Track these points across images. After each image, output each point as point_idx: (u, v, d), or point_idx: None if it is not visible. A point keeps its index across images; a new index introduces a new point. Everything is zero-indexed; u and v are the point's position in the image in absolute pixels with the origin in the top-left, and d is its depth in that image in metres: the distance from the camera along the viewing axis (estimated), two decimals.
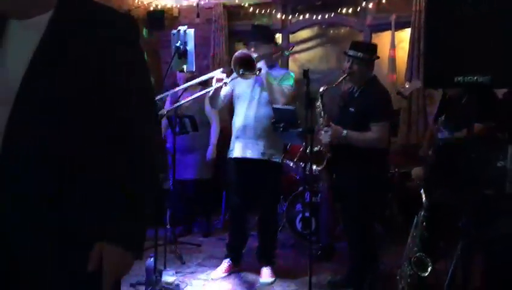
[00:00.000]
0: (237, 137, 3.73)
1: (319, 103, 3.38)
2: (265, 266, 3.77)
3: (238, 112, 3.78)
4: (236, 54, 3.49)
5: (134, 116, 1.35)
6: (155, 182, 1.49)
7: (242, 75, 3.50)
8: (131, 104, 1.35)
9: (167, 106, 4.71)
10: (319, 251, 4.25)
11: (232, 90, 3.81)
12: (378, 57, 3.50)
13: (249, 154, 3.65)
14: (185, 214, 5.08)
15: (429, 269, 2.84)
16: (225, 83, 3.56)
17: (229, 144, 3.85)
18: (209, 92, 3.63)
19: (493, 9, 2.35)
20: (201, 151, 4.82)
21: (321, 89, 3.41)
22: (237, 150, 3.71)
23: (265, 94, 3.66)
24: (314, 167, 3.30)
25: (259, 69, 3.50)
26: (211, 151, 4.80)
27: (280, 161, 3.79)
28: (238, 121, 3.75)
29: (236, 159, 3.71)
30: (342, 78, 3.40)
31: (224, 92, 3.72)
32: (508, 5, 2.32)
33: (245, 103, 3.72)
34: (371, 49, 3.47)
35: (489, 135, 3.10)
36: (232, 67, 3.49)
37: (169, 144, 4.93)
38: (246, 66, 3.45)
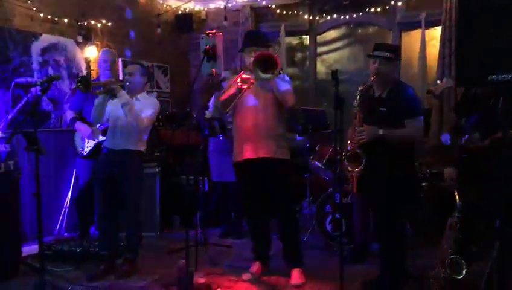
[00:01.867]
0: (247, 139, 3.68)
1: (356, 104, 3.34)
2: (295, 268, 3.76)
3: (243, 114, 3.72)
4: (255, 55, 3.46)
5: None
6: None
7: (262, 78, 3.44)
8: None
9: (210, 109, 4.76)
10: (352, 251, 4.22)
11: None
12: (400, 59, 3.49)
13: (262, 154, 3.63)
14: (226, 215, 5.14)
15: (464, 271, 2.79)
16: (251, 83, 3.52)
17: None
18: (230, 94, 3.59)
19: None
20: None
21: (360, 88, 3.38)
22: (248, 151, 3.67)
23: (268, 95, 3.64)
24: (350, 168, 3.27)
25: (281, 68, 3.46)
26: None
27: (290, 159, 3.77)
28: (245, 123, 3.70)
29: (247, 160, 3.68)
30: (372, 78, 3.37)
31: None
32: None
33: (249, 105, 3.68)
34: (395, 50, 3.50)
35: None
36: (253, 70, 3.45)
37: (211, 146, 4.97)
38: (267, 66, 3.42)
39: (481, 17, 2.40)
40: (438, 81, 3.84)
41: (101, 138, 4.35)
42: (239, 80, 3.52)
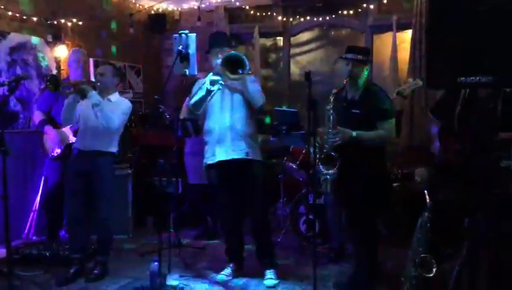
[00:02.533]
0: (218, 141, 3.65)
1: (330, 106, 3.36)
2: (268, 269, 3.76)
3: (212, 116, 3.70)
4: (222, 57, 3.45)
5: None
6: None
7: (230, 79, 3.45)
8: None
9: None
10: (332, 253, 4.25)
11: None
12: (372, 61, 3.55)
13: (235, 155, 3.62)
14: (200, 217, 5.11)
15: (434, 270, 2.84)
16: (221, 84, 3.51)
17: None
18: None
19: (495, 8, 2.35)
20: None
21: (333, 91, 3.41)
22: (221, 153, 3.65)
23: (237, 96, 3.64)
24: (325, 170, 3.29)
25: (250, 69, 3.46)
26: None
27: (262, 160, 3.79)
28: (215, 125, 3.68)
29: (220, 162, 3.66)
30: (345, 81, 3.40)
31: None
32: (509, 3, 2.32)
33: (218, 107, 3.67)
34: (367, 52, 3.55)
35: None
36: (221, 71, 3.44)
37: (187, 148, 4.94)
38: (235, 67, 3.40)
39: (451, 20, 2.44)
40: (410, 79, 3.89)
41: (72, 138, 4.28)
42: (208, 81, 3.50)
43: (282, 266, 3.91)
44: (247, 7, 6.37)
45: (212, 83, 3.49)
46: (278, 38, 6.72)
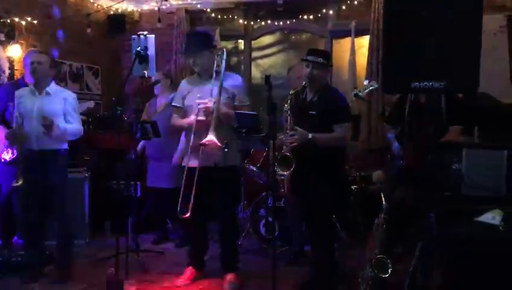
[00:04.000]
0: (195, 146, 3.62)
1: (287, 107, 3.40)
2: (229, 272, 3.75)
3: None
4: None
5: None
6: None
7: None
8: None
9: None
10: (292, 255, 4.28)
11: (183, 100, 3.74)
12: (332, 65, 3.62)
13: (211, 162, 3.61)
14: (160, 221, 5.05)
15: (389, 270, 2.90)
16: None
17: None
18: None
19: (447, 17, 2.44)
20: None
21: (291, 92, 3.45)
22: (196, 158, 3.61)
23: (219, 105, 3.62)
24: (280, 171, 3.31)
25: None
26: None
27: (239, 165, 3.79)
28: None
29: (194, 167, 3.63)
30: (304, 82, 3.45)
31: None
32: (461, 12, 2.41)
33: (201, 116, 3.62)
34: (327, 56, 3.60)
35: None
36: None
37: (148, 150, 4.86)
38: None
39: (406, 26, 2.51)
40: (365, 82, 3.97)
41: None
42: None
43: (242, 269, 3.90)
44: (209, 10, 6.34)
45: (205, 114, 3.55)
46: (239, 41, 6.73)
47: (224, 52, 3.67)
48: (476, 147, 3.25)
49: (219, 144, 3.42)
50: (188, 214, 3.51)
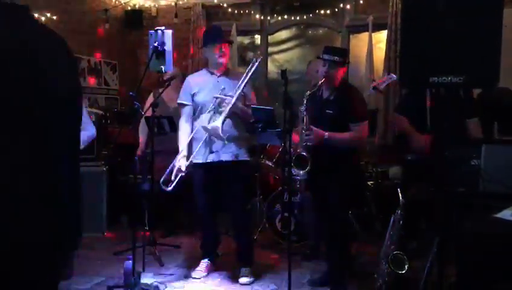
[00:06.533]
0: (207, 141, 3.65)
1: (303, 108, 3.38)
2: (244, 267, 3.77)
3: (204, 117, 3.68)
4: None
5: None
6: None
7: None
8: None
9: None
10: (308, 250, 4.28)
11: (193, 96, 3.75)
12: (349, 62, 3.59)
13: (223, 157, 3.63)
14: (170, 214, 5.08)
15: (406, 266, 2.88)
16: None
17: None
18: None
19: (466, 10, 2.40)
20: None
21: (307, 93, 3.43)
22: (209, 154, 3.65)
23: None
24: (297, 170, 3.30)
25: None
26: None
27: (250, 159, 3.81)
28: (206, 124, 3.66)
29: (207, 163, 3.66)
30: (321, 81, 3.42)
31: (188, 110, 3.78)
32: (480, 5, 2.37)
33: (211, 109, 3.66)
34: (344, 53, 3.57)
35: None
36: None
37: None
38: None
39: (424, 20, 2.47)
40: (384, 74, 3.96)
41: None
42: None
43: (257, 263, 3.91)
44: (225, 5, 6.35)
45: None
46: (255, 36, 6.72)
47: (258, 61, 3.68)
48: (495, 142, 3.20)
49: (221, 134, 3.42)
50: (170, 188, 3.58)
